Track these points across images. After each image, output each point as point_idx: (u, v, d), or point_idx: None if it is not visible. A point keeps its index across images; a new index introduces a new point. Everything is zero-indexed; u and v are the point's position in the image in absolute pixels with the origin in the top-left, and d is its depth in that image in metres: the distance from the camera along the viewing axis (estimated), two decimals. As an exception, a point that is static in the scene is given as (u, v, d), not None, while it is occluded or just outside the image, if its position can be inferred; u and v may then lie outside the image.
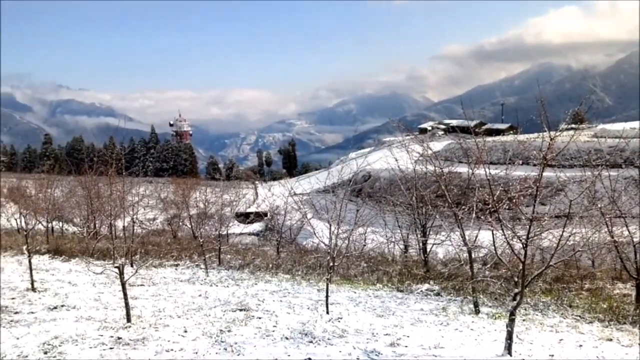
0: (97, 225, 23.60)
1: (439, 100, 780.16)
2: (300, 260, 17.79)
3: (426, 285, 13.74)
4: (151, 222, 37.39)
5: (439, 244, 16.43)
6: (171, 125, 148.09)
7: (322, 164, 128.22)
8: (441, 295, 13.01)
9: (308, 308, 11.10)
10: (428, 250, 16.44)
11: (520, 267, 7.65)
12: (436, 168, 13.38)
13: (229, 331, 9.15)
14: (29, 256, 13.71)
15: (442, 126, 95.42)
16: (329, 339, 8.68)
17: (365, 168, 49.11)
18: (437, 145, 51.99)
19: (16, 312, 10.74)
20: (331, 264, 10.91)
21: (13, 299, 12.07)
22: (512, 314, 7.74)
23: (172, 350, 8.14)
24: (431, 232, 16.52)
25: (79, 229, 28.20)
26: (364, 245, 20.61)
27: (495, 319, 10.41)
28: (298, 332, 9.04)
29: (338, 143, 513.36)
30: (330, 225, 11.06)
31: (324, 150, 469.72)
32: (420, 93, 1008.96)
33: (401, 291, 13.61)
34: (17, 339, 8.79)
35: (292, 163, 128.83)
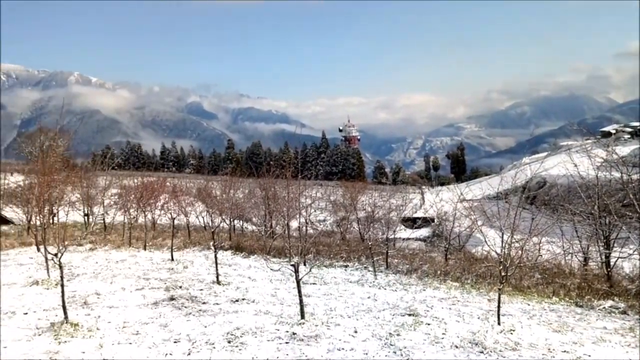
0: (273, 225, 25.06)
1: (624, 101, 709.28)
2: (469, 268, 17.34)
3: (610, 302, 12.67)
4: (321, 223, 38.81)
5: (625, 257, 15.05)
6: (340, 130, 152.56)
7: (493, 169, 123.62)
8: (628, 314, 11.91)
9: (478, 318, 10.82)
10: (612, 263, 15.15)
11: None
12: (623, 174, 12.32)
13: (398, 335, 9.24)
14: (215, 251, 15.03)
15: (629, 129, 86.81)
16: (500, 351, 8.40)
17: (540, 174, 46.56)
18: (623, 150, 47.47)
19: (204, 303, 11.84)
20: (503, 273, 10.52)
21: (201, 290, 13.31)
22: None
23: (343, 349, 8.43)
24: (616, 245, 15.20)
25: (257, 228, 30.14)
26: (539, 255, 19.51)
27: (697, 346, 9.31)
28: (468, 342, 8.86)
29: (510, 147, 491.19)
30: (503, 234, 10.67)
31: (495, 155, 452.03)
32: (602, 94, 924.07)
33: (580, 306, 12.70)
34: (205, 327, 9.71)
35: (460, 168, 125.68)
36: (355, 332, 9.39)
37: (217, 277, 14.33)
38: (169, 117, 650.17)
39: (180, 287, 13.62)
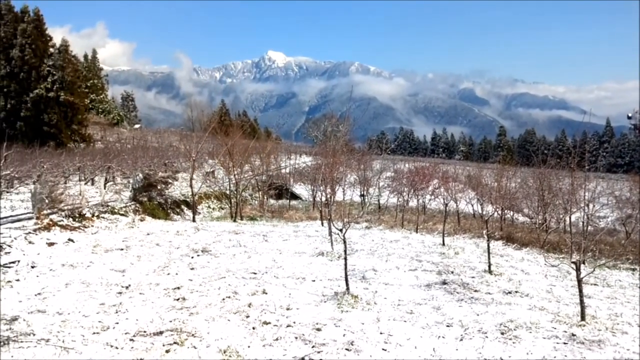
0: (547, 218, 23.75)
1: None
2: None
3: None
4: (601, 220, 35.55)
5: None
6: (629, 117, 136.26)
7: None
8: None
9: None
10: None
11: None
12: None
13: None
14: (487, 240, 14.85)
15: None
16: None
17: None
18: None
19: (476, 291, 11.82)
20: None
21: (473, 277, 13.30)
22: None
23: (630, 360, 7.68)
24: None
25: (530, 219, 28.87)
26: None
27: None
28: None
29: None
30: None
31: None
32: None
33: None
34: (477, 315, 9.71)
35: None
36: (646, 343, 8.45)
37: (489, 267, 14.14)
38: (441, 104, 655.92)
39: (452, 272, 13.79)
